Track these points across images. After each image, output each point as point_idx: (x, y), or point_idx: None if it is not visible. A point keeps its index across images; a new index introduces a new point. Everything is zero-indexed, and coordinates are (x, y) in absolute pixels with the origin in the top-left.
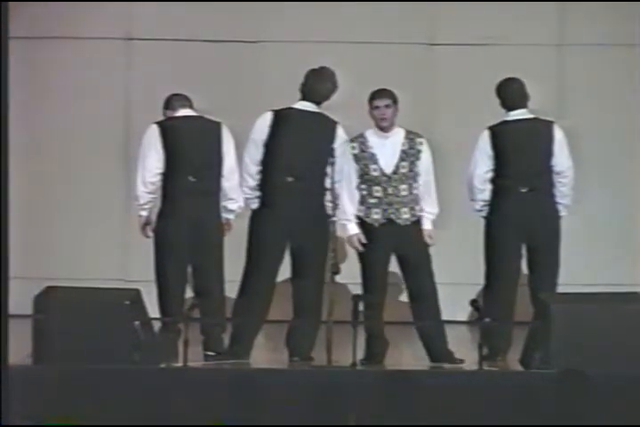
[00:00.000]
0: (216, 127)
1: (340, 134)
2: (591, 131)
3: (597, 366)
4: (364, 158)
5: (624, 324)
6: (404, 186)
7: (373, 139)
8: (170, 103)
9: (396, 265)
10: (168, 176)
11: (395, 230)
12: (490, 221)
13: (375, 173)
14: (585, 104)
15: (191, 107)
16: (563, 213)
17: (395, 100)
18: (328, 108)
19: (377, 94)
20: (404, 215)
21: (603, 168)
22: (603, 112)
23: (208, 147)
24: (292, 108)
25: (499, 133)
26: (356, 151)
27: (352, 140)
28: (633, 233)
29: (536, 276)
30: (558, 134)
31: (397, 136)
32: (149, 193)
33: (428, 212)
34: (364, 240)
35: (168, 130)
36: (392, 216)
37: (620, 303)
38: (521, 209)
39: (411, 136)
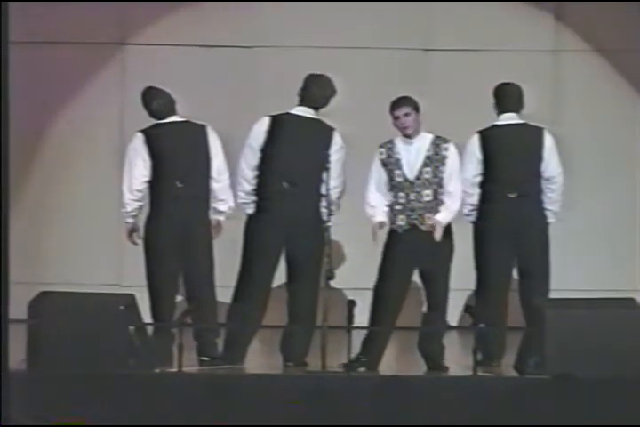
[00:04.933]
0: (201, 130)
1: (337, 140)
2: (587, 136)
3: (592, 372)
4: (390, 164)
5: (619, 329)
6: (427, 191)
7: (400, 145)
8: (150, 104)
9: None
10: (155, 182)
11: (418, 236)
12: (478, 227)
13: (399, 179)
14: (581, 110)
15: (173, 109)
16: (551, 219)
17: (415, 107)
18: (323, 114)
19: (395, 104)
20: (428, 221)
21: (599, 174)
22: (599, 118)
23: (194, 151)
24: (289, 114)
25: (488, 138)
26: (383, 157)
27: (381, 146)
28: (629, 239)
29: (526, 281)
30: (548, 140)
31: (423, 142)
32: (136, 200)
33: (448, 205)
34: (385, 224)
35: (153, 137)
36: (415, 222)
37: (615, 309)
38: (509, 215)
39: (437, 142)
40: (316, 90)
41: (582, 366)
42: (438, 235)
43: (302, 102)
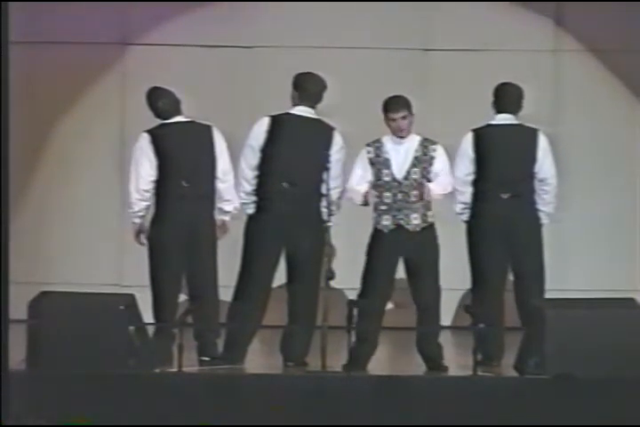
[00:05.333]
0: (207, 131)
1: (338, 141)
2: (587, 136)
3: (592, 372)
4: (378, 163)
5: (619, 329)
6: (414, 192)
7: (389, 144)
8: (155, 103)
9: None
10: (161, 182)
11: (404, 236)
12: (472, 226)
13: (387, 179)
14: (580, 110)
15: (178, 109)
16: (544, 220)
17: (410, 110)
18: (323, 114)
19: (392, 106)
20: (414, 221)
21: (599, 174)
22: (598, 118)
23: (200, 151)
24: (289, 114)
25: (482, 136)
26: (372, 155)
27: (369, 145)
28: (629, 239)
29: (521, 283)
30: (542, 142)
31: (412, 142)
32: (143, 201)
33: (440, 182)
34: (372, 194)
35: (159, 137)
36: (401, 222)
37: (615, 309)
38: (502, 215)
39: (425, 143)
40: (312, 88)
41: (582, 366)
42: (425, 195)
43: (300, 102)
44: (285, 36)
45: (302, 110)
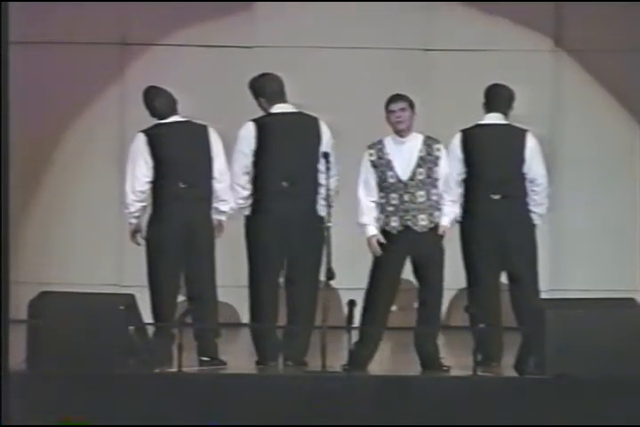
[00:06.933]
0: (203, 131)
1: (325, 130)
2: (588, 136)
3: (592, 371)
4: (381, 165)
5: (619, 329)
6: (421, 192)
7: (390, 145)
8: (152, 102)
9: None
10: (158, 183)
11: (412, 237)
12: (463, 227)
13: (392, 180)
14: (580, 110)
15: (174, 108)
16: (537, 221)
17: (411, 104)
18: (323, 113)
19: (392, 99)
20: (422, 222)
21: (598, 174)
22: (597, 118)
23: (196, 151)
24: (272, 114)
25: (470, 137)
26: (374, 158)
27: (370, 147)
28: (629, 239)
29: (514, 283)
30: (530, 142)
31: (415, 142)
32: (139, 201)
33: (449, 211)
34: (382, 240)
35: (155, 138)
36: (409, 223)
37: (615, 309)
38: (493, 216)
39: (429, 142)
40: (274, 86)
41: (582, 366)
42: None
43: (273, 102)
44: (285, 36)
45: (283, 107)
